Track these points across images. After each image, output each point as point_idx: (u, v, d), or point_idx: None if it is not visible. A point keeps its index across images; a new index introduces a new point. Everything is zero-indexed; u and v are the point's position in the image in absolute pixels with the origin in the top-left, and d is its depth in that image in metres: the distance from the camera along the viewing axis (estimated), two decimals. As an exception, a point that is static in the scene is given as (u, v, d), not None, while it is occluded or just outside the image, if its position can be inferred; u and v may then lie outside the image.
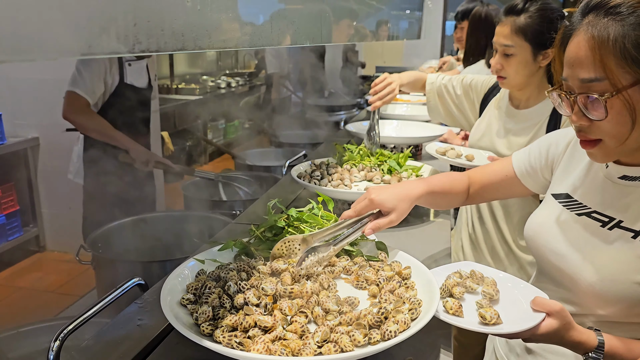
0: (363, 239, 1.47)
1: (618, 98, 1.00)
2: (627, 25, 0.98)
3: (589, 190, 1.23)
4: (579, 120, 1.07)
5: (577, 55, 1.04)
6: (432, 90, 2.39)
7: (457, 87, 2.31)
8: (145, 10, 0.68)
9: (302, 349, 1.00)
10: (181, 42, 0.77)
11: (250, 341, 1.01)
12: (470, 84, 2.28)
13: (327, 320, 1.09)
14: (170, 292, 1.20)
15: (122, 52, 0.63)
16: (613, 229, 1.13)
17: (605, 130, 1.05)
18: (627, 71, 0.99)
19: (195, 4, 0.80)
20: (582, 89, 1.04)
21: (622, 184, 1.15)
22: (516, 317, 1.12)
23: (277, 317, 1.08)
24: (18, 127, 4.15)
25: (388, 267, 1.33)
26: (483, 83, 2.25)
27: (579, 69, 1.04)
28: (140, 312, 1.37)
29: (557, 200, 1.28)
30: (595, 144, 1.08)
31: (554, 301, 1.10)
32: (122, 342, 1.23)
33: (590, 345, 1.08)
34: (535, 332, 1.07)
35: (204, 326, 1.07)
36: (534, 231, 1.31)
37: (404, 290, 1.22)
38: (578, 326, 1.10)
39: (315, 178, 2.04)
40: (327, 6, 1.88)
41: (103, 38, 0.60)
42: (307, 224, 1.45)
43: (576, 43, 1.05)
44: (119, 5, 0.63)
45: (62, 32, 0.55)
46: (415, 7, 6.26)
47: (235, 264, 1.30)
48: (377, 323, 1.07)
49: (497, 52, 1.94)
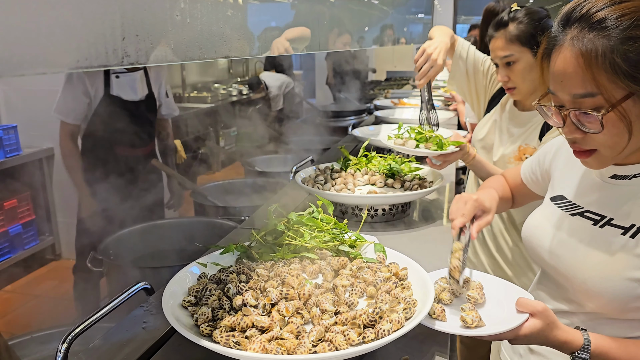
0: (364, 241, 1.50)
1: (613, 112, 1.00)
2: (615, 40, 0.97)
3: (582, 190, 1.25)
4: (572, 133, 1.07)
5: (565, 72, 1.03)
6: (461, 55, 2.34)
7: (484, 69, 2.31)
8: (134, 24, 0.71)
9: (297, 348, 1.03)
10: (171, 54, 0.81)
11: (248, 341, 1.05)
12: (492, 74, 2.29)
13: (322, 320, 1.12)
14: (172, 295, 1.23)
15: (110, 65, 0.66)
16: (604, 227, 1.15)
17: (600, 141, 1.05)
18: (620, 85, 0.98)
19: (185, 17, 0.84)
20: (574, 104, 1.04)
21: (612, 182, 1.17)
22: (500, 318, 1.14)
23: (274, 318, 1.12)
24: (33, 138, 4.23)
25: (386, 268, 1.35)
26: (495, 80, 2.27)
27: (569, 84, 1.03)
28: (146, 315, 1.41)
29: (553, 203, 1.30)
30: (590, 154, 1.09)
31: (538, 302, 1.11)
32: (127, 344, 1.27)
33: (576, 345, 1.09)
34: (518, 332, 1.08)
35: (203, 327, 1.10)
36: (530, 232, 1.33)
37: (400, 290, 1.25)
38: (563, 326, 1.11)
39: (319, 183, 2.07)
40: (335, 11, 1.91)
41: (91, 52, 0.63)
42: (307, 227, 1.48)
43: (563, 59, 1.04)
44: (107, 19, 0.67)
45: (50, 47, 0.58)
46: (425, 11, 6.29)
47: (236, 267, 1.33)
48: (371, 322, 1.10)
49: (499, 67, 1.97)
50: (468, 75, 2.34)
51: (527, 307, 1.10)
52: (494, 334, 1.09)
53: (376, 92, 6.63)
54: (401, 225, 2.01)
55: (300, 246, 1.44)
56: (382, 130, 3.20)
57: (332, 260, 1.38)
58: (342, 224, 1.53)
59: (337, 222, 1.52)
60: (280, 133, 4.52)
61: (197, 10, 0.87)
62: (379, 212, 2.02)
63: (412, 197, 2.01)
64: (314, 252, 1.42)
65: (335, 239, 1.47)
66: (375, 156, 2.34)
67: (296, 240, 1.45)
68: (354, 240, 1.49)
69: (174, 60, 0.81)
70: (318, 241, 1.45)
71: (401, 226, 2.00)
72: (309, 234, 1.46)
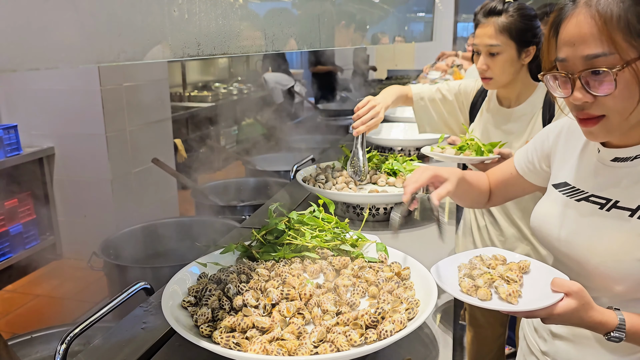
0: (365, 240, 1.49)
1: (627, 71, 1.01)
2: (629, 1, 1.00)
3: (584, 175, 1.25)
4: (582, 98, 1.07)
5: (579, 33, 1.05)
6: (420, 96, 2.31)
7: (447, 94, 2.28)
8: (131, 20, 0.70)
9: (298, 349, 1.02)
10: (169, 50, 0.80)
11: (248, 342, 1.03)
12: (459, 88, 2.27)
13: (324, 320, 1.11)
14: (172, 295, 1.22)
15: (106, 62, 0.65)
16: (611, 210, 1.15)
17: (609, 105, 1.05)
18: (633, 45, 1.01)
19: (183, 13, 0.82)
20: (586, 65, 1.05)
21: (614, 166, 1.17)
22: (533, 297, 1.12)
23: (275, 319, 1.10)
24: (33, 138, 4.23)
25: (387, 268, 1.34)
26: (471, 87, 2.25)
27: (583, 46, 1.04)
28: (145, 315, 1.39)
29: (557, 190, 1.30)
30: (597, 121, 1.09)
31: (573, 282, 1.09)
32: (127, 344, 1.26)
33: (611, 325, 1.07)
34: (552, 311, 1.06)
35: (203, 327, 1.09)
36: (539, 221, 1.32)
37: (402, 290, 1.24)
38: (598, 306, 1.09)
39: (320, 181, 2.06)
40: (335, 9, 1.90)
41: (86, 48, 0.62)
42: (308, 227, 1.46)
43: (576, 22, 1.05)
44: (104, 15, 0.65)
45: (45, 43, 0.57)
46: (426, 10, 6.27)
47: (236, 267, 1.32)
48: (374, 323, 1.09)
49: (480, 54, 1.96)
50: (436, 105, 2.31)
51: (563, 287, 1.08)
52: (528, 310, 1.07)
53: (377, 91, 6.61)
54: (403, 225, 2.00)
55: (301, 246, 1.43)
56: (383, 129, 3.18)
57: (334, 260, 1.37)
58: (344, 223, 1.52)
59: (338, 222, 1.51)
60: (281, 132, 4.51)
61: (195, 6, 0.86)
62: (380, 211, 2.00)
63: (414, 196, 1.99)
64: (315, 252, 1.41)
65: (337, 239, 1.45)
66: (377, 155, 2.32)
67: (297, 240, 1.43)
68: (355, 240, 1.48)
69: (171, 57, 0.80)
70: (319, 240, 1.43)
71: (403, 225, 1.99)
72: (310, 234, 1.44)
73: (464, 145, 1.95)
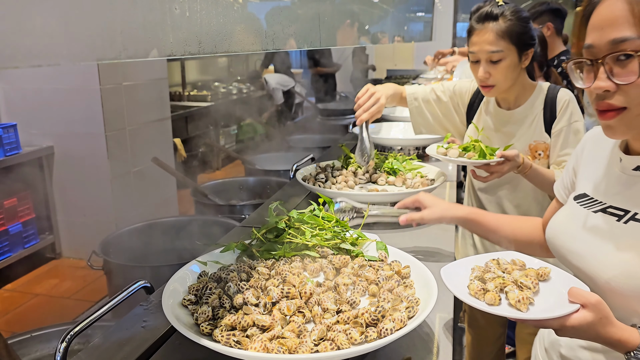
0: (365, 239, 1.49)
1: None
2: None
3: (604, 185, 1.20)
4: (605, 86, 1.03)
5: (610, 16, 1.02)
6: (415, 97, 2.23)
7: (441, 95, 2.21)
8: (132, 18, 0.70)
9: (299, 347, 1.02)
10: (170, 48, 0.80)
11: (249, 340, 1.03)
12: (454, 89, 2.20)
13: (324, 319, 1.11)
14: (172, 294, 1.22)
15: (108, 59, 0.65)
16: (629, 222, 1.09)
17: (632, 95, 1.02)
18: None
19: (184, 11, 0.82)
20: (612, 49, 1.01)
21: (636, 175, 1.12)
22: (547, 306, 1.05)
23: (275, 317, 1.10)
24: (33, 137, 4.23)
25: (388, 266, 1.34)
26: (467, 88, 2.18)
27: (611, 29, 1.01)
28: (146, 313, 1.39)
29: (576, 201, 1.25)
30: (618, 114, 1.04)
31: (592, 293, 1.02)
32: (127, 343, 1.26)
33: (632, 344, 0.99)
34: (565, 322, 0.99)
35: (204, 326, 1.09)
36: (554, 233, 1.27)
37: (402, 289, 1.24)
38: (618, 322, 1.01)
39: (320, 180, 2.06)
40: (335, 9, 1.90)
41: (88, 45, 0.62)
42: (308, 225, 1.46)
43: (608, 5, 1.03)
44: (105, 12, 0.65)
45: (47, 39, 0.57)
46: (426, 9, 6.28)
47: (236, 265, 1.32)
48: (374, 321, 1.09)
49: (478, 62, 1.89)
50: (430, 106, 2.23)
51: (579, 298, 1.00)
52: (538, 319, 1.01)
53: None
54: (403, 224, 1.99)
55: (301, 244, 1.43)
56: (382, 128, 3.18)
57: (334, 259, 1.37)
58: (344, 221, 1.52)
59: (338, 220, 1.51)
60: (281, 131, 4.52)
61: (196, 4, 0.86)
62: (380, 210, 2.01)
63: (413, 195, 1.99)
64: (315, 250, 1.41)
65: (337, 237, 1.46)
66: (377, 154, 2.32)
67: (297, 238, 1.43)
68: (355, 238, 1.48)
69: (172, 55, 0.80)
70: (319, 239, 1.43)
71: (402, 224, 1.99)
72: (310, 232, 1.45)
73: (469, 146, 1.89)
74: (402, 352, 1.19)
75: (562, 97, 1.93)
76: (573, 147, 1.83)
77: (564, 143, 1.91)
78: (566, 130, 1.90)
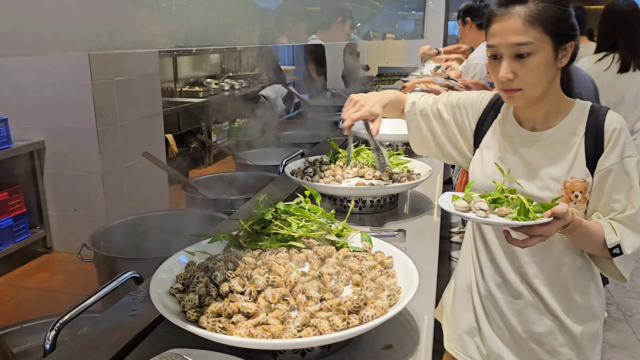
0: (351, 231, 1.52)
1: None
2: None
3: None
4: None
5: None
6: (413, 105, 1.79)
7: (443, 109, 1.72)
8: (120, 9, 0.73)
9: (282, 333, 1.05)
10: (157, 41, 0.82)
11: (234, 326, 1.06)
12: (458, 103, 1.70)
13: (308, 306, 1.14)
14: (160, 283, 1.25)
15: (95, 50, 0.68)
16: None
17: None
18: None
19: (171, 4, 0.85)
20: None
21: None
22: None
23: (260, 305, 1.13)
24: (24, 131, 4.23)
25: (371, 257, 1.37)
26: (476, 102, 1.68)
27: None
28: (134, 303, 1.42)
29: None
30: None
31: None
32: (115, 331, 1.29)
33: None
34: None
35: (190, 313, 1.12)
36: None
37: (385, 278, 1.27)
38: None
39: (308, 174, 2.09)
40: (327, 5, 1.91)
41: (75, 36, 0.65)
42: (294, 217, 1.49)
43: None
44: (94, 2, 0.68)
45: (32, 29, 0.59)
46: (417, 8, 6.31)
47: (223, 255, 1.35)
48: (356, 309, 1.12)
49: (499, 58, 1.42)
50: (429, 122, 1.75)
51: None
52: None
53: (368, 88, 6.65)
54: (389, 217, 2.03)
55: (287, 235, 1.46)
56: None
57: (319, 249, 1.40)
58: (329, 214, 1.55)
59: (324, 212, 1.54)
60: (272, 127, 4.54)
61: (183, -2, 0.88)
62: (367, 204, 2.04)
63: (398, 189, 2.03)
64: (301, 241, 1.44)
65: (322, 229, 1.49)
66: (364, 149, 2.36)
67: (284, 230, 1.46)
68: (340, 230, 1.51)
69: (160, 48, 0.82)
70: (305, 230, 1.46)
71: (389, 218, 2.03)
72: (297, 224, 1.48)
73: (500, 199, 1.39)
74: (384, 339, 1.23)
75: (612, 123, 1.44)
76: (625, 191, 1.42)
77: (613, 185, 1.42)
78: (617, 169, 1.42)
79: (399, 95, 1.82)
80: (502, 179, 1.46)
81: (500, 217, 1.33)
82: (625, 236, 1.40)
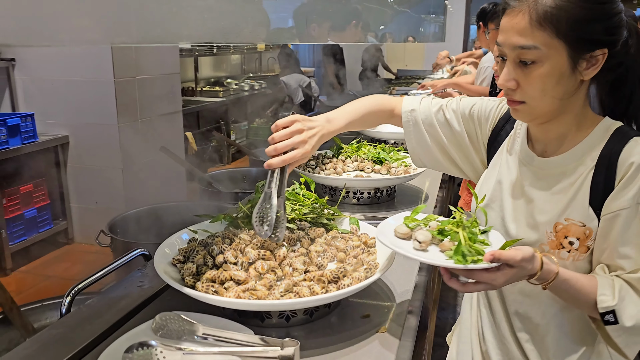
0: (341, 215, 1.65)
1: None
2: None
3: None
4: None
5: None
6: (412, 115, 1.50)
7: (452, 118, 1.45)
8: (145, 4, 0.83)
9: (267, 297, 1.18)
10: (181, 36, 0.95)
11: (225, 291, 1.20)
12: (472, 112, 1.43)
13: (293, 276, 1.27)
14: (164, 255, 1.39)
15: (117, 43, 0.81)
16: None
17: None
18: None
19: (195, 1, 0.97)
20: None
21: None
22: None
23: (251, 274, 1.27)
24: (49, 126, 4.43)
25: (357, 238, 1.50)
26: (491, 113, 1.41)
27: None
28: (142, 276, 1.56)
29: None
30: None
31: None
32: (124, 298, 1.43)
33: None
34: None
35: (188, 279, 1.26)
36: None
37: (366, 255, 1.39)
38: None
39: (310, 167, 2.22)
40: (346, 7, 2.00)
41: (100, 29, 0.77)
42: (289, 201, 1.62)
43: None
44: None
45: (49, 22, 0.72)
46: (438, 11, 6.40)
47: (222, 233, 1.49)
48: (335, 279, 1.25)
49: (504, 62, 1.17)
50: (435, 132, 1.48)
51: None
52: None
53: (384, 90, 6.77)
54: (385, 209, 2.15)
55: (282, 217, 1.58)
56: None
57: (310, 231, 1.53)
58: (322, 200, 1.68)
59: (317, 198, 1.67)
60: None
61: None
62: (364, 195, 2.16)
63: (394, 182, 2.15)
64: (293, 223, 1.57)
65: (314, 212, 1.61)
66: (366, 144, 2.48)
67: (279, 213, 1.59)
68: (331, 214, 1.64)
69: (184, 42, 0.95)
70: (298, 213, 1.59)
71: (384, 209, 2.15)
72: (291, 207, 1.60)
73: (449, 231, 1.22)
74: (362, 309, 1.35)
75: (631, 154, 1.12)
76: (638, 245, 1.12)
77: (622, 236, 1.12)
78: (628, 215, 1.11)
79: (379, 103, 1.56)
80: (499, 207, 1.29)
81: (439, 253, 1.16)
82: (627, 303, 1.09)
